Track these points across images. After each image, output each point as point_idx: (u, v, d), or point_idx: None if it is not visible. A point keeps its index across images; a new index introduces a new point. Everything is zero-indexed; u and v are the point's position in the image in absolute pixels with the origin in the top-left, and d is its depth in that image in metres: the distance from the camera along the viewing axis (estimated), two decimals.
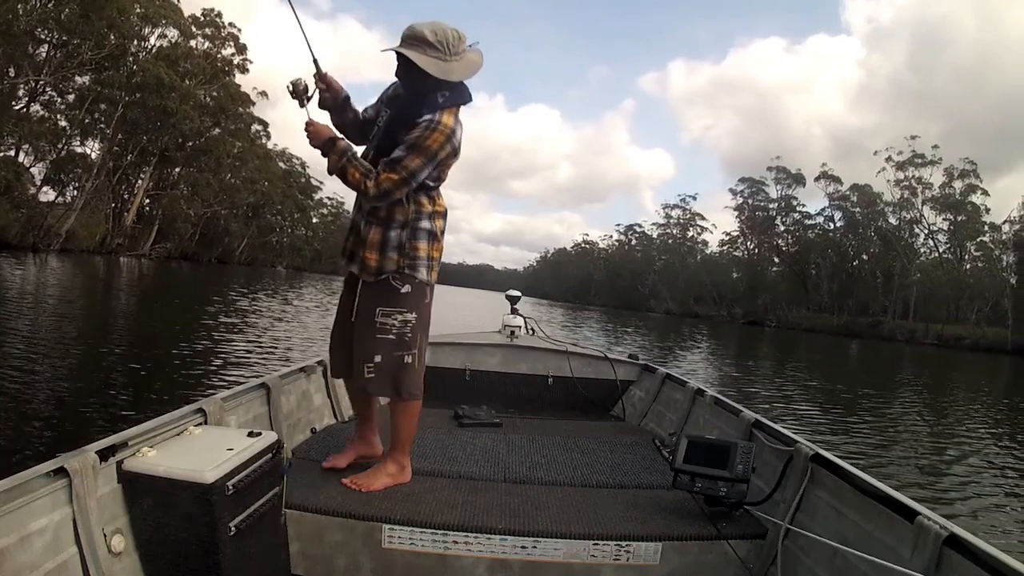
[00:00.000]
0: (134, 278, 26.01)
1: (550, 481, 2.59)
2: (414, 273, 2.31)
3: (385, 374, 2.32)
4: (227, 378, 6.92)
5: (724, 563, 2.07)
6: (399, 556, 2.04)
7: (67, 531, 1.51)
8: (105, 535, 1.59)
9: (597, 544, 2.04)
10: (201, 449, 1.83)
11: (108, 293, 17.81)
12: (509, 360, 4.31)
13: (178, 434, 1.95)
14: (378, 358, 2.30)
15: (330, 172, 2.23)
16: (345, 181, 2.22)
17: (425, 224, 2.33)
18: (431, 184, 2.33)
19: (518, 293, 4.84)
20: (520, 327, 4.52)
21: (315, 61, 2.25)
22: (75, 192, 37.97)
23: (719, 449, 2.27)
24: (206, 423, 2.13)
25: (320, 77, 2.30)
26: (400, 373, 2.33)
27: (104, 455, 1.65)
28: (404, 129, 2.22)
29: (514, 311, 4.61)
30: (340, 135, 2.32)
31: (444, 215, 2.42)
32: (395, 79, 2.32)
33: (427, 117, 2.20)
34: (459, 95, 2.27)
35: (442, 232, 2.41)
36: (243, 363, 7.95)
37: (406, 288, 2.30)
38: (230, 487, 1.69)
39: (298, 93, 2.26)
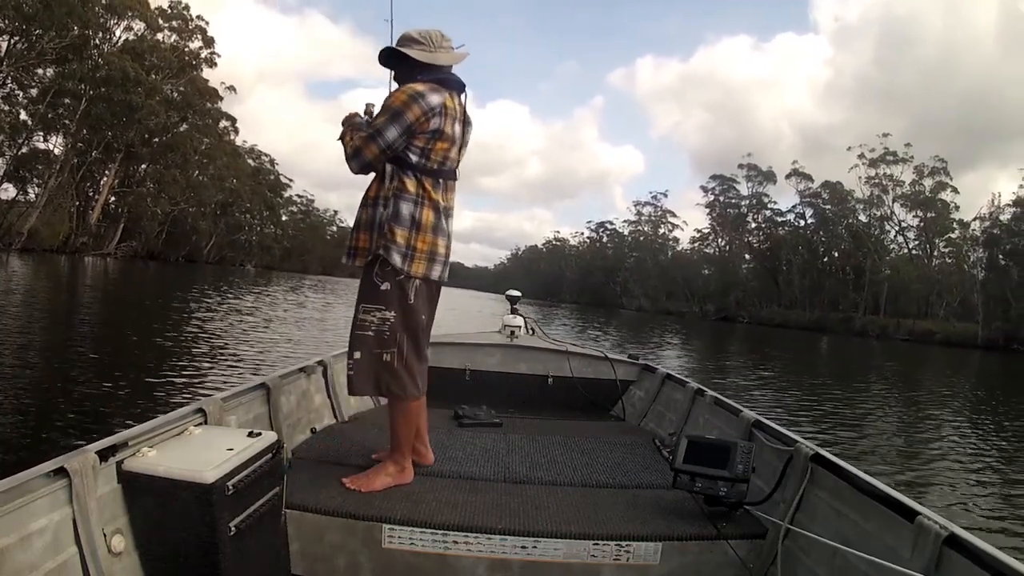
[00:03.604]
0: (101, 279, 25.42)
1: (550, 481, 2.58)
2: (388, 257, 2.26)
3: (364, 372, 2.32)
4: (207, 377, 6.81)
5: (724, 563, 2.07)
6: (399, 556, 2.03)
7: (67, 531, 1.48)
8: (105, 535, 1.57)
9: (597, 544, 2.03)
10: (201, 449, 1.80)
11: (79, 294, 17.38)
12: (509, 360, 4.29)
13: (178, 434, 1.92)
14: (357, 355, 2.31)
15: (339, 138, 2.42)
16: (343, 142, 2.37)
17: (406, 209, 2.28)
18: (413, 160, 2.29)
19: (518, 293, 4.81)
20: (520, 327, 4.50)
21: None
22: (37, 189, 36.94)
23: (719, 449, 2.26)
24: (206, 423, 2.10)
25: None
26: (380, 372, 2.31)
27: (104, 455, 1.62)
28: None
29: (514, 311, 4.59)
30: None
31: (437, 208, 2.34)
32: None
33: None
34: (436, 72, 2.35)
35: (432, 226, 2.33)
36: (230, 366, 7.83)
37: (385, 285, 2.29)
38: (230, 487, 1.67)
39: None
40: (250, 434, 1.91)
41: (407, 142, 2.26)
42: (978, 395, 14.43)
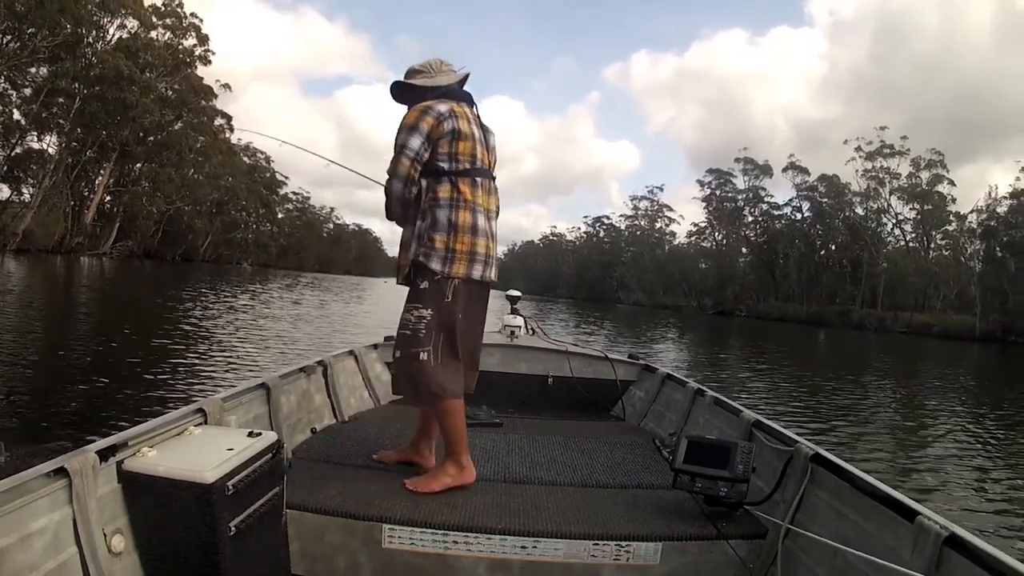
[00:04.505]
0: (97, 278, 25.35)
1: (550, 481, 2.58)
2: (428, 263, 2.32)
3: (401, 371, 2.37)
4: (199, 378, 6.79)
5: (724, 563, 2.07)
6: (399, 556, 2.03)
7: (67, 531, 1.48)
8: (105, 535, 1.57)
9: (597, 544, 2.03)
10: (201, 449, 1.80)
11: (75, 295, 17.33)
12: (509, 360, 4.27)
13: (178, 434, 1.91)
14: (397, 353, 2.37)
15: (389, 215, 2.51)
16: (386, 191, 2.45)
17: (442, 215, 2.33)
18: (444, 166, 2.35)
19: (518, 293, 4.82)
20: (520, 327, 4.50)
21: None
22: (32, 189, 36.82)
23: (719, 449, 2.26)
24: (206, 423, 2.10)
25: None
26: (415, 371, 2.32)
27: (104, 455, 1.62)
28: None
29: (514, 311, 4.59)
30: None
31: (474, 209, 2.37)
32: None
33: None
34: (440, 88, 2.46)
35: (470, 227, 2.35)
36: (227, 366, 7.81)
37: (424, 284, 2.34)
38: (230, 487, 1.67)
39: None
40: (250, 434, 1.90)
41: (432, 152, 2.34)
42: (977, 388, 14.47)
